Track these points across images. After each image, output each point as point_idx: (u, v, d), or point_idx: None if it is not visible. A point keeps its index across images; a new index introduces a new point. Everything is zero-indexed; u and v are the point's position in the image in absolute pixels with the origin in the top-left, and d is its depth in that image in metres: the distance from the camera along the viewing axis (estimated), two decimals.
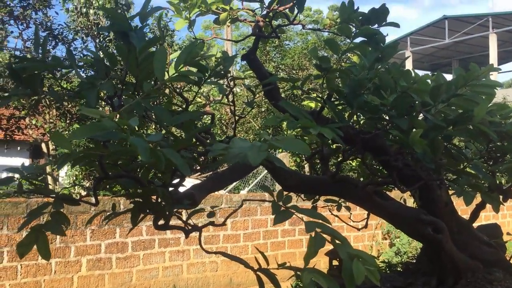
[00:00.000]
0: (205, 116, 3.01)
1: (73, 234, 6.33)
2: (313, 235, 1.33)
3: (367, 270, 1.25)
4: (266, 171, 11.29)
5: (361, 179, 3.25)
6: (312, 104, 2.91)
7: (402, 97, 1.87)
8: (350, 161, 3.02)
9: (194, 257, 7.30)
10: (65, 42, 13.02)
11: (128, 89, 1.91)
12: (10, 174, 1.89)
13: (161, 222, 1.64)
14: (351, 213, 2.93)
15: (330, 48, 2.15)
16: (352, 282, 1.25)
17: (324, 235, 1.36)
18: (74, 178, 8.83)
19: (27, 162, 21.49)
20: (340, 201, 2.85)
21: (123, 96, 1.85)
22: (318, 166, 3.09)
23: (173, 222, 1.86)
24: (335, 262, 2.67)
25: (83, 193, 9.20)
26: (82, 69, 1.96)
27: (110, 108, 1.84)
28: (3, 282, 5.91)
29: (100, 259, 6.56)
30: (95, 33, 12.76)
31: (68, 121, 11.09)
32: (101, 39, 12.77)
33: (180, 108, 2.36)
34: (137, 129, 1.38)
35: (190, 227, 1.69)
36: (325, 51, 13.05)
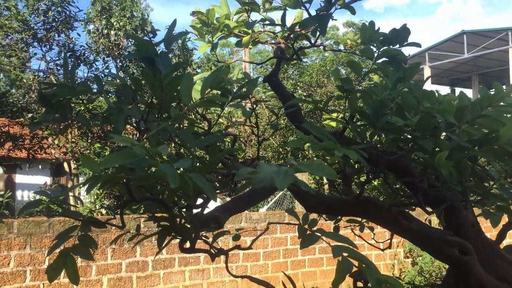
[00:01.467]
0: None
1: (94, 253, 6.39)
2: (340, 260, 1.33)
3: None
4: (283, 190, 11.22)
5: (381, 198, 3.23)
6: (333, 124, 2.91)
7: (426, 117, 1.86)
8: (372, 180, 3.00)
9: (214, 276, 7.29)
10: (87, 63, 13.28)
11: (152, 112, 1.95)
12: (38, 197, 1.93)
13: (187, 245, 1.65)
14: (374, 233, 2.90)
15: (352, 70, 2.17)
16: None
17: (351, 259, 1.35)
18: (95, 197, 8.93)
19: (48, 180, 21.81)
20: (362, 221, 2.83)
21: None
22: (339, 185, 3.08)
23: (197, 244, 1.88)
24: (359, 284, 2.64)
25: (103, 212, 9.28)
26: (108, 94, 2.00)
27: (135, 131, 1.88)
28: None
29: (121, 278, 6.59)
30: (116, 53, 13.00)
31: (89, 141, 11.26)
32: (122, 60, 13.00)
33: (202, 130, 2.39)
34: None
35: (216, 251, 1.70)
36: (343, 68, 13.06)
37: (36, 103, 12.12)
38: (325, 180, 10.60)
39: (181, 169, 1.38)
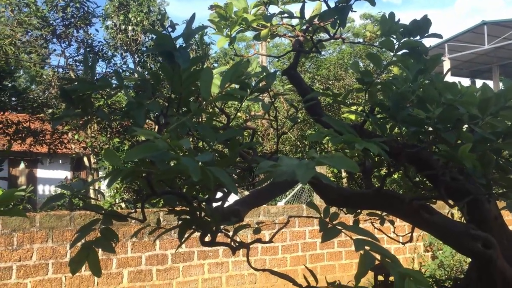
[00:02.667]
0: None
1: (115, 246, 6.45)
2: (362, 253, 1.32)
3: None
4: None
5: (401, 191, 3.20)
6: (352, 117, 2.89)
7: (448, 110, 1.83)
8: (392, 174, 2.98)
9: (232, 269, 7.32)
10: (105, 58, 13.40)
11: (171, 107, 1.95)
12: (59, 191, 1.95)
13: (207, 238, 1.65)
14: (394, 227, 2.88)
15: (372, 62, 2.14)
16: None
17: (373, 253, 1.34)
18: (115, 191, 9.03)
19: (69, 174, 22.13)
20: (383, 215, 2.81)
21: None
22: (358, 178, 3.06)
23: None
24: (380, 278, 2.63)
25: (123, 205, 9.38)
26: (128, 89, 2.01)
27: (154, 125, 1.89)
28: None
29: (141, 271, 6.66)
30: (134, 49, 13.09)
31: (108, 136, 11.38)
32: (140, 55, 13.09)
33: (221, 124, 2.39)
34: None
35: (236, 244, 1.70)
36: (361, 60, 12.95)
37: (56, 99, 12.29)
38: (343, 174, 10.55)
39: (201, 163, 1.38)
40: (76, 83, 1.82)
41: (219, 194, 1.88)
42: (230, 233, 1.80)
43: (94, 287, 6.33)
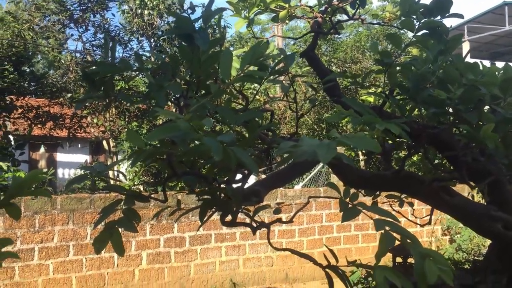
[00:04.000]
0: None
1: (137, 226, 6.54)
2: (382, 233, 1.32)
3: (440, 270, 1.23)
4: (319, 166, 11.23)
5: (420, 174, 3.18)
6: (371, 99, 2.87)
7: (470, 90, 1.81)
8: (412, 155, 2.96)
9: (249, 252, 7.39)
10: (122, 43, 13.45)
11: (191, 89, 1.97)
12: (79, 174, 1.99)
13: (228, 218, 1.67)
14: (413, 209, 2.87)
15: (392, 43, 2.12)
16: (425, 281, 1.23)
17: (394, 234, 1.34)
18: (134, 174, 9.14)
19: (87, 158, 22.41)
20: (402, 197, 2.80)
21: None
22: (375, 160, 3.05)
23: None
24: (398, 260, 2.63)
25: (141, 188, 9.50)
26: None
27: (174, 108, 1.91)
28: (70, 274, 6.21)
29: (160, 253, 6.76)
30: (150, 33, 13.10)
31: (126, 119, 11.47)
32: (156, 39, 13.10)
33: (240, 106, 2.40)
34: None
35: (257, 224, 1.72)
36: (379, 43, 12.76)
37: (74, 83, 12.41)
38: (361, 157, 10.51)
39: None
40: (97, 65, 1.85)
41: (239, 177, 1.89)
42: (250, 215, 1.81)
43: (114, 268, 6.45)
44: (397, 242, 1.42)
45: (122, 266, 6.51)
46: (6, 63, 10.62)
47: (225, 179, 1.81)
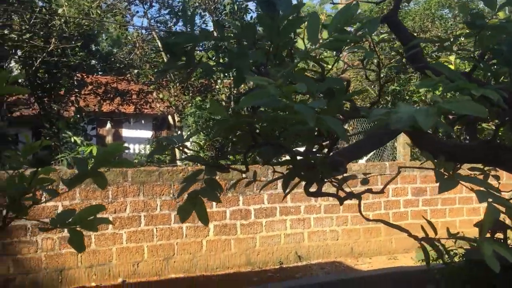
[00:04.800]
0: None
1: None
2: (487, 204, 1.24)
3: None
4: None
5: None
6: (452, 67, 2.71)
7: None
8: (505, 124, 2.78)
9: (314, 225, 7.38)
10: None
11: (270, 58, 1.92)
12: (163, 143, 2.01)
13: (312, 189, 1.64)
14: (499, 183, 2.71)
15: (485, 3, 1.96)
16: None
17: (497, 205, 1.26)
18: (199, 148, 9.31)
19: (150, 134, 23.10)
20: (486, 170, 2.65)
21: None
22: (456, 131, 2.89)
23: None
24: (499, 235, 2.50)
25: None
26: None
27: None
28: (142, 243, 6.47)
29: (226, 224, 6.88)
30: (212, 8, 13.13)
31: (191, 94, 11.65)
32: (218, 13, 13.12)
33: (313, 74, 2.33)
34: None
35: (345, 194, 1.67)
36: (450, 10, 12.11)
37: (140, 60, 12.72)
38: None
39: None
40: (177, 36, 1.84)
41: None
42: (337, 185, 1.77)
43: (183, 238, 6.65)
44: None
45: (191, 237, 6.69)
46: (73, 42, 11.01)
47: (307, 149, 1.77)
